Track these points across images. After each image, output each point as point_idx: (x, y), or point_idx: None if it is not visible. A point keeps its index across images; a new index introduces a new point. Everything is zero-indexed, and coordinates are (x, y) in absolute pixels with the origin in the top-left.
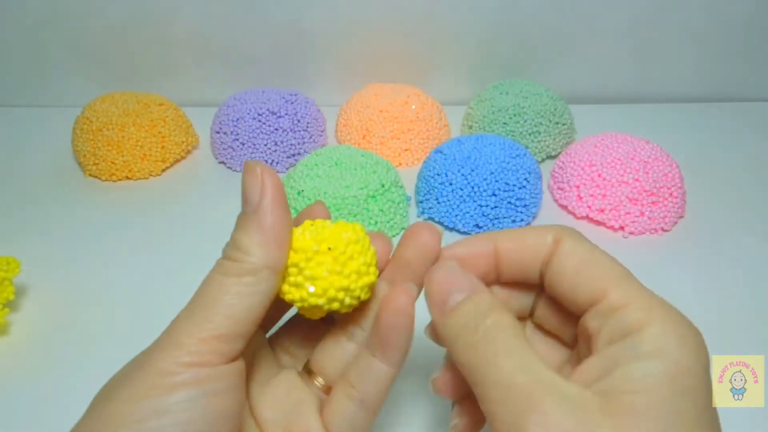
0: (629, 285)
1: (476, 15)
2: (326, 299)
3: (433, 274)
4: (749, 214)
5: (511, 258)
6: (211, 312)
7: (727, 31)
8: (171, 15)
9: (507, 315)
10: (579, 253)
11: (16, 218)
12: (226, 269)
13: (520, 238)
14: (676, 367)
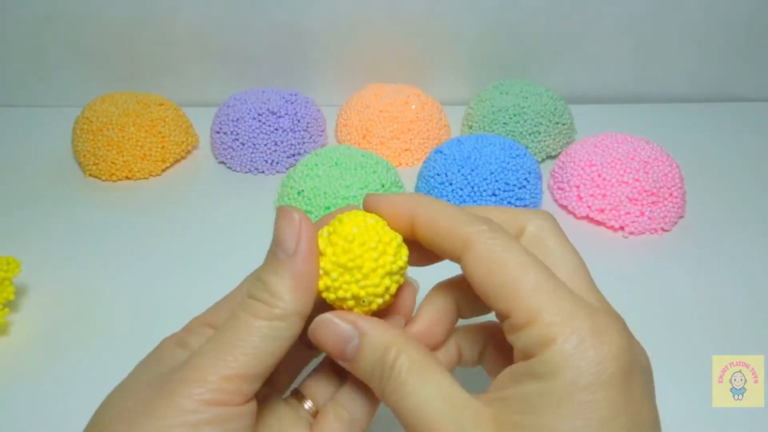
0: (537, 297)
1: (476, 15)
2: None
3: (315, 333)
4: (749, 214)
5: (425, 236)
6: (237, 351)
7: (727, 31)
8: (171, 15)
9: (405, 346)
10: (486, 262)
11: (16, 218)
12: (256, 311)
13: (435, 221)
14: (569, 384)
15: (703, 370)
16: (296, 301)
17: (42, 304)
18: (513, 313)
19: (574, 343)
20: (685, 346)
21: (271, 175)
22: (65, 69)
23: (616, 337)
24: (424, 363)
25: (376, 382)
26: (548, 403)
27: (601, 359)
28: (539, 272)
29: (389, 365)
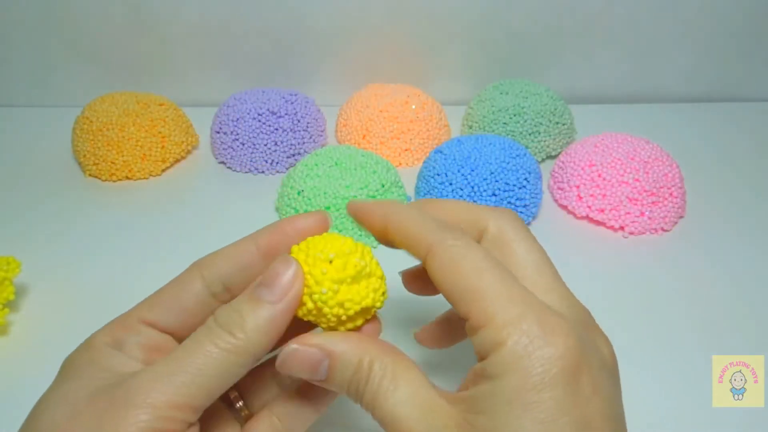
0: (491, 300)
1: (476, 15)
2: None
3: (285, 365)
4: (749, 214)
5: (396, 241)
6: (192, 379)
7: (727, 31)
8: (171, 15)
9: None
10: (445, 268)
11: (16, 218)
12: (223, 342)
13: (405, 227)
14: (518, 385)
15: (703, 370)
16: (263, 343)
17: (42, 304)
18: (470, 316)
19: (522, 345)
20: (685, 346)
21: (271, 175)
22: (65, 69)
23: (563, 338)
24: (395, 368)
25: (353, 395)
26: (499, 403)
27: (547, 359)
28: (494, 276)
29: (364, 378)
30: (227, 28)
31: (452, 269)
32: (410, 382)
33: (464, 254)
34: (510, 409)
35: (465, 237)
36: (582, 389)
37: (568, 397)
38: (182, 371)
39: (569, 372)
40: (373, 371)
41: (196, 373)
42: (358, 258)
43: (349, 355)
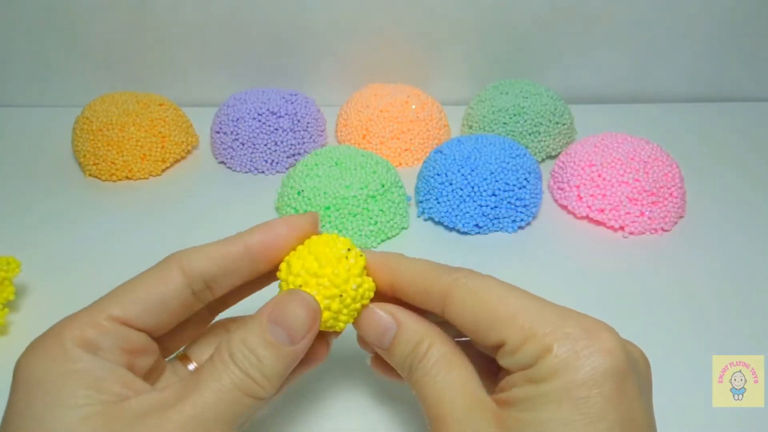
0: (525, 318)
1: (476, 15)
2: None
3: (361, 322)
4: (749, 214)
5: (406, 295)
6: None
7: (727, 31)
8: (171, 15)
9: (438, 337)
10: (469, 304)
11: (16, 218)
12: (245, 388)
13: (413, 280)
14: (568, 383)
15: (703, 370)
16: (279, 384)
17: (42, 304)
18: (508, 340)
19: (568, 346)
20: (685, 346)
21: (271, 175)
22: (65, 69)
23: (607, 336)
24: (451, 356)
25: (406, 369)
26: (549, 401)
27: (594, 358)
28: (520, 297)
29: (420, 355)
30: (227, 28)
31: (475, 303)
32: (462, 372)
33: (482, 286)
34: (560, 405)
35: (474, 271)
36: (627, 390)
37: (615, 395)
38: (198, 417)
39: (617, 371)
40: (431, 351)
41: (206, 408)
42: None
43: (414, 330)
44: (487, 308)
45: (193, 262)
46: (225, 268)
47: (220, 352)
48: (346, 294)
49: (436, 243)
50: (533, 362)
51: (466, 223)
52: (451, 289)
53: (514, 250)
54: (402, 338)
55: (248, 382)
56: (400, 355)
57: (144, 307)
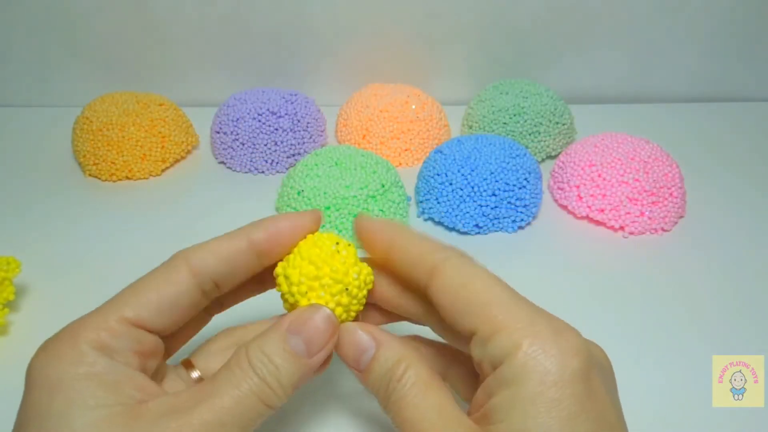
0: (500, 310)
1: (476, 15)
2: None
3: (340, 340)
4: (749, 214)
5: (397, 262)
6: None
7: (727, 31)
8: (171, 15)
9: (415, 363)
10: (453, 283)
11: (16, 218)
12: (261, 394)
13: (408, 247)
14: (541, 384)
15: (703, 370)
16: (292, 393)
17: (42, 304)
18: (479, 328)
19: (538, 345)
20: (685, 346)
21: (271, 175)
22: (65, 69)
23: (575, 336)
24: (428, 379)
25: (382, 391)
26: (522, 404)
27: (564, 356)
28: (502, 290)
29: (397, 377)
30: (227, 28)
31: (460, 285)
32: (440, 394)
33: (470, 270)
34: (534, 407)
35: (468, 256)
36: (595, 388)
37: (585, 395)
38: (211, 408)
39: (583, 371)
40: (407, 374)
41: (225, 413)
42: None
43: (393, 351)
44: (466, 291)
45: (201, 260)
46: (232, 264)
47: (238, 358)
48: (351, 285)
49: None
50: (503, 357)
51: (466, 223)
52: (440, 265)
53: (514, 250)
54: (380, 358)
55: (265, 389)
56: (377, 375)
57: (156, 308)
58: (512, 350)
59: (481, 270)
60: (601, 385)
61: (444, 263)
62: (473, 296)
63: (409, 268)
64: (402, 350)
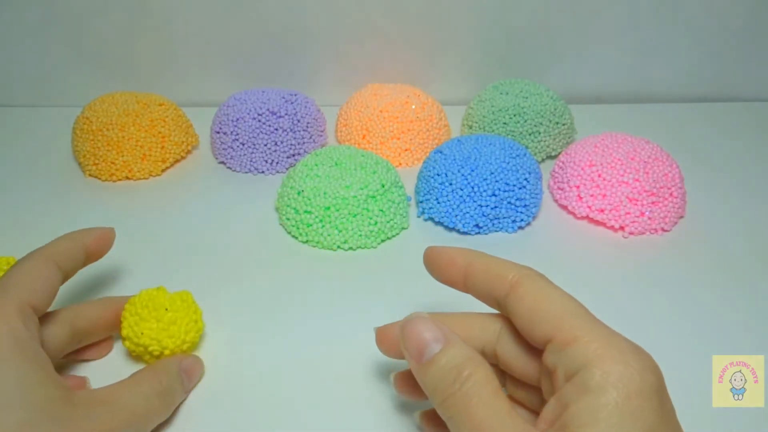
0: (578, 320)
1: (476, 15)
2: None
3: (407, 327)
4: (749, 214)
5: (477, 281)
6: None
7: (727, 31)
8: (171, 15)
9: (482, 368)
10: (533, 293)
11: (16, 218)
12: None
13: (486, 267)
14: (624, 393)
15: (703, 370)
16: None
17: None
18: (557, 334)
19: (620, 357)
20: (685, 346)
21: (271, 175)
22: (65, 69)
23: (650, 356)
24: (495, 384)
25: (444, 386)
26: (606, 412)
27: (645, 370)
28: (577, 304)
29: (465, 375)
30: (227, 28)
31: (538, 296)
32: (507, 401)
33: (551, 285)
34: (620, 416)
35: (544, 276)
36: (668, 407)
37: (662, 410)
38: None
39: (661, 388)
40: (477, 374)
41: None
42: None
43: (460, 351)
44: (546, 301)
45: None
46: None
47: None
48: (182, 332)
49: (436, 243)
50: (581, 365)
51: (466, 223)
52: (521, 278)
53: (514, 250)
54: (448, 354)
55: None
56: (441, 370)
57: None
58: (593, 359)
59: (556, 287)
60: (669, 401)
61: (524, 277)
62: (552, 306)
63: (490, 283)
64: (471, 353)
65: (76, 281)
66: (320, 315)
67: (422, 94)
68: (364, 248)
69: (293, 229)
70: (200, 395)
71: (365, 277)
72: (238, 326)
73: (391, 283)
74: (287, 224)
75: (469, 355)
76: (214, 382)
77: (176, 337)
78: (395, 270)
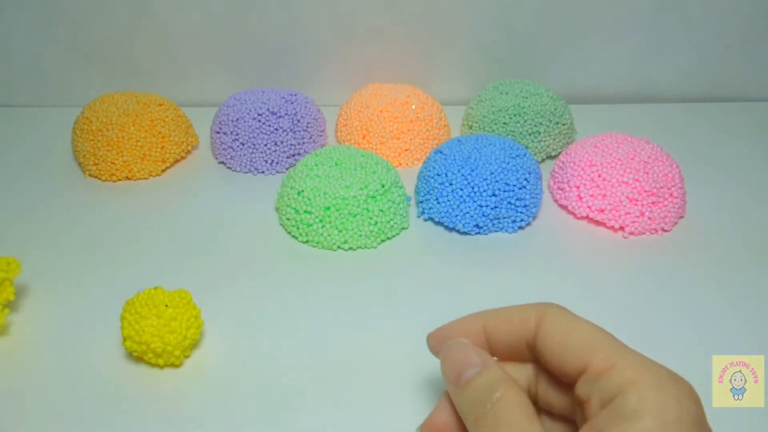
0: (611, 348)
1: (476, 15)
2: None
3: (448, 351)
4: (749, 214)
5: (500, 336)
6: None
7: (727, 31)
8: (171, 15)
9: (515, 389)
10: (561, 327)
11: (16, 218)
12: None
13: (507, 317)
14: (661, 421)
15: (703, 370)
16: None
17: (42, 304)
18: (591, 364)
19: (655, 385)
20: (685, 346)
21: (271, 175)
22: (65, 69)
23: (689, 384)
24: (527, 406)
25: (475, 408)
26: None
27: (682, 398)
28: (607, 333)
29: (495, 398)
30: (227, 28)
31: (568, 329)
32: (539, 424)
33: (575, 318)
34: None
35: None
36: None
37: None
38: None
39: (699, 416)
40: (509, 395)
41: None
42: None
43: (495, 374)
44: (575, 333)
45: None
46: None
47: None
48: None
49: (436, 243)
50: (616, 392)
51: (466, 224)
52: (544, 315)
53: (514, 250)
54: (484, 376)
55: None
56: (477, 391)
57: None
58: (628, 386)
59: (582, 318)
60: (708, 430)
61: (548, 310)
62: (582, 337)
63: (516, 331)
64: (506, 375)
65: (75, 280)
66: (320, 315)
67: (422, 94)
68: (364, 248)
69: (293, 229)
70: (200, 395)
71: (365, 277)
72: (238, 326)
73: (391, 283)
74: (287, 224)
75: (503, 377)
76: (214, 381)
77: (177, 332)
78: (395, 270)
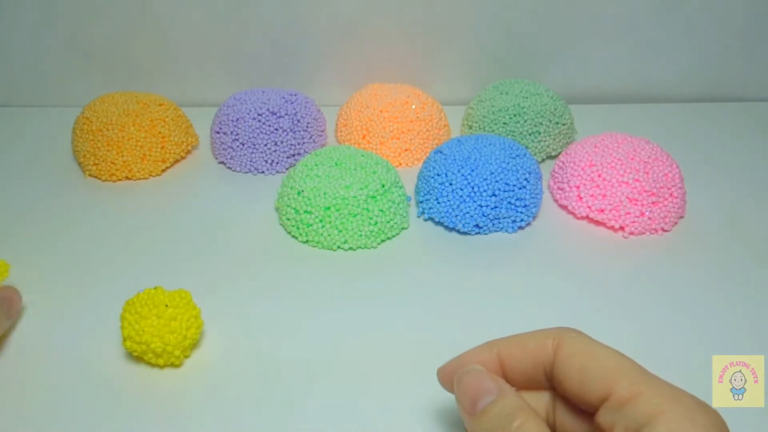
0: (635, 375)
1: (476, 15)
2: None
3: (463, 378)
4: (749, 214)
5: (515, 365)
6: None
7: (727, 31)
8: (170, 15)
9: (534, 418)
10: (580, 353)
11: (16, 218)
12: None
13: (521, 345)
14: None
15: (703, 370)
16: None
17: (42, 305)
18: (615, 392)
19: (683, 415)
20: (685, 346)
21: (271, 175)
22: (65, 69)
23: (716, 412)
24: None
25: None
26: None
27: (711, 429)
28: (630, 360)
29: (514, 427)
30: (227, 28)
31: (586, 355)
32: None
33: (594, 343)
34: None
35: (583, 333)
36: None
37: None
38: None
39: None
40: (527, 424)
41: None
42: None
43: (513, 401)
44: (596, 359)
45: None
46: None
47: None
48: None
49: (436, 243)
50: (644, 422)
51: (466, 224)
52: (561, 341)
53: (514, 250)
54: (500, 404)
55: None
56: (493, 419)
57: None
58: (656, 415)
59: (600, 343)
60: None
61: (565, 335)
62: (604, 362)
63: (533, 358)
64: (523, 403)
65: (75, 280)
66: (320, 315)
67: (422, 94)
68: (364, 248)
69: (293, 229)
70: (200, 395)
71: (365, 277)
72: (238, 326)
73: (391, 283)
74: (287, 224)
75: (521, 405)
76: (214, 381)
77: (177, 332)
78: (395, 270)
